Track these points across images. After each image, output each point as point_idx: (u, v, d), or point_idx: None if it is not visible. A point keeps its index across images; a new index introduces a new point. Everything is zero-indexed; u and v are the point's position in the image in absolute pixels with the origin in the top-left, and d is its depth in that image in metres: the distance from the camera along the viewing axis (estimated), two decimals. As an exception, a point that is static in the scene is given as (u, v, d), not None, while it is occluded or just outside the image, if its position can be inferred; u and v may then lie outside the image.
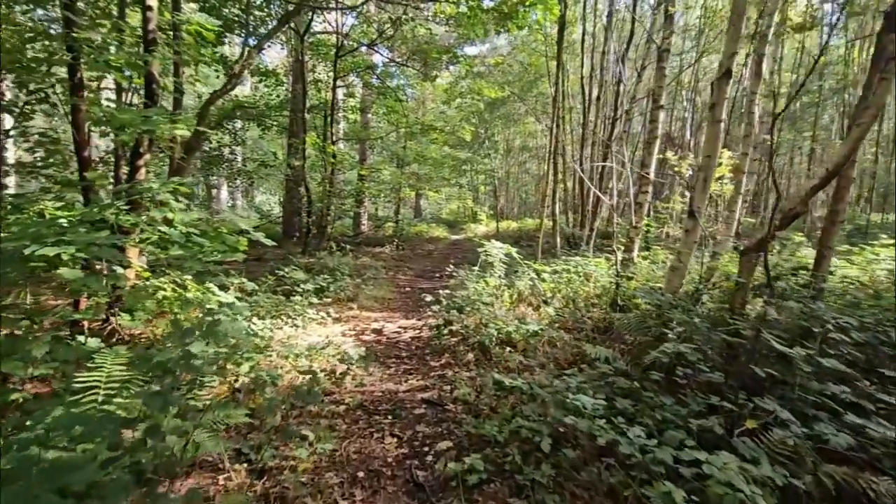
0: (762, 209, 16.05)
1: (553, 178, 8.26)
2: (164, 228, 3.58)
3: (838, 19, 13.38)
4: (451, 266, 12.76)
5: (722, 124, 3.35)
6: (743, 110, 9.55)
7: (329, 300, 6.62)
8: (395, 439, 2.81)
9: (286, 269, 7.65)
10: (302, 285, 6.57)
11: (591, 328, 4.33)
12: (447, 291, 5.45)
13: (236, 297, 4.82)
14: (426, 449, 2.70)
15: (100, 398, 2.35)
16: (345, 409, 3.17)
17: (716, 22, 12.35)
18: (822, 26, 13.16)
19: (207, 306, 4.10)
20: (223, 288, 5.26)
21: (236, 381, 3.28)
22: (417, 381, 3.77)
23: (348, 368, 3.93)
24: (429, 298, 5.58)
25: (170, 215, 3.58)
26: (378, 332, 5.55)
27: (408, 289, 8.70)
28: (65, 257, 2.58)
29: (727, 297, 3.19)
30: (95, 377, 2.44)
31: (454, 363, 4.16)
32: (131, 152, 4.67)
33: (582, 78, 10.57)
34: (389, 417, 3.07)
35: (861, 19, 13.18)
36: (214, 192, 23.33)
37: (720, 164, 4.71)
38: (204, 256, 3.68)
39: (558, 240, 9.18)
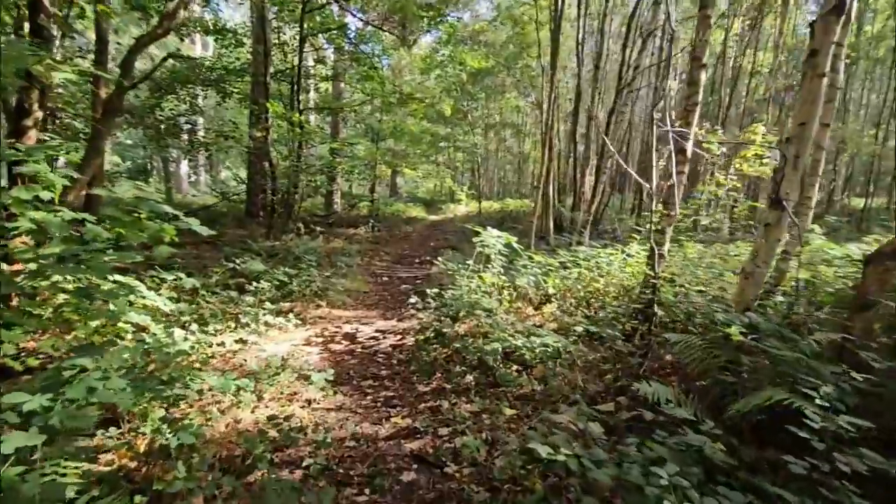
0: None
1: (549, 154, 7.34)
2: (37, 214, 2.50)
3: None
4: (432, 250, 11.85)
5: (825, 80, 2.48)
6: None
7: (292, 298, 5.58)
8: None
9: (241, 260, 6.55)
10: (260, 280, 5.51)
11: (617, 341, 3.49)
12: (435, 290, 4.51)
13: (169, 299, 3.77)
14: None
15: None
16: (302, 475, 2.23)
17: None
18: None
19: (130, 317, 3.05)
20: (154, 287, 4.18)
21: (141, 438, 2.28)
22: (403, 419, 2.86)
23: (309, 404, 2.98)
24: (412, 299, 4.63)
25: (44, 194, 2.50)
26: (351, 338, 4.59)
27: (385, 278, 7.73)
28: None
29: (832, 318, 2.40)
30: None
31: (449, 388, 3.26)
32: (15, 108, 3.48)
33: (579, 44, 9.58)
34: (367, 491, 2.14)
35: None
36: (173, 167, 21.51)
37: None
38: (106, 253, 2.66)
39: (550, 224, 8.32)
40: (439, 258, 8.96)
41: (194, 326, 3.94)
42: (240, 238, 9.99)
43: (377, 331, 4.85)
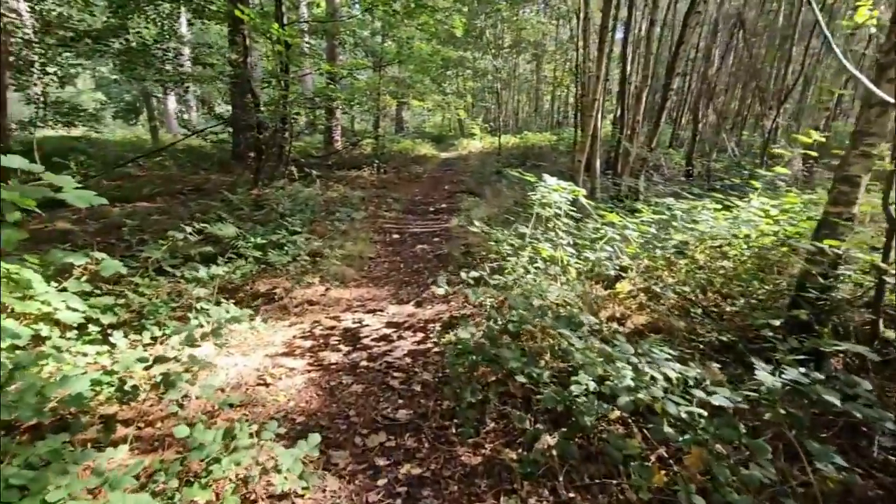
0: None
1: (599, 71, 5.56)
2: None
3: None
4: (448, 195, 10.24)
5: None
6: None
7: (275, 274, 4.20)
8: None
9: (215, 216, 5.13)
10: (235, 247, 4.11)
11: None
12: (471, 274, 3.05)
13: (80, 292, 2.41)
14: None
15: None
16: None
17: None
18: None
19: None
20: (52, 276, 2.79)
21: None
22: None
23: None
24: (437, 280, 3.19)
25: None
26: (353, 338, 3.24)
27: (395, 235, 6.29)
28: None
29: None
30: None
31: (513, 459, 1.93)
32: None
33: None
34: None
35: None
36: (159, 104, 19.53)
37: None
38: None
39: (597, 163, 6.69)
40: (462, 209, 7.44)
41: (118, 335, 2.61)
42: (220, 186, 8.50)
43: (389, 323, 3.49)
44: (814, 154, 4.16)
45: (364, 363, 2.89)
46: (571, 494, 1.75)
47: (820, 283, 2.42)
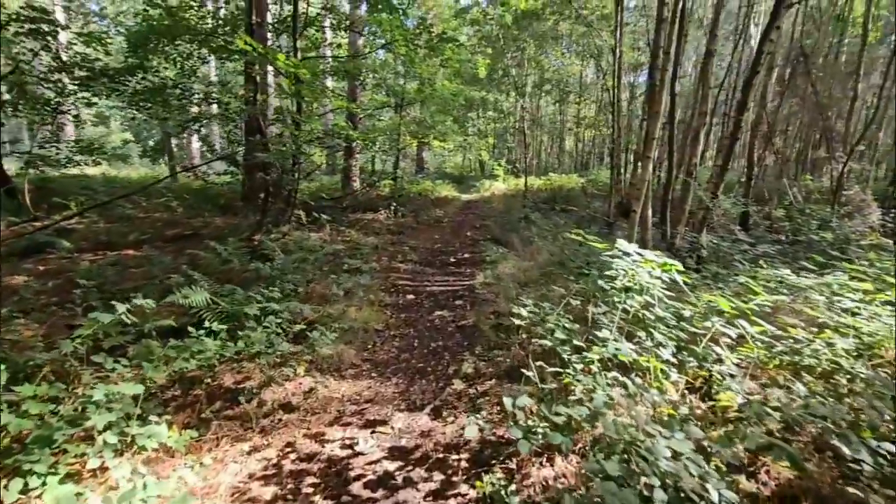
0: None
1: (654, 105, 4.61)
2: None
3: None
4: (471, 242, 9.22)
5: None
6: None
7: (247, 354, 3.18)
8: None
9: (186, 279, 4.23)
10: (203, 320, 3.14)
11: None
12: (523, 401, 1.97)
13: None
14: None
15: None
16: None
17: None
18: None
19: None
20: None
21: None
22: None
23: None
24: (469, 425, 2.09)
25: None
26: (337, 482, 2.16)
27: (410, 296, 5.28)
28: None
29: None
30: None
31: None
32: None
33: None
34: None
35: None
36: (179, 142, 19.53)
37: None
38: None
39: (649, 213, 5.63)
40: (488, 261, 6.33)
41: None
42: (221, 231, 7.73)
43: (393, 451, 2.40)
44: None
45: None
46: None
47: None
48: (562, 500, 1.61)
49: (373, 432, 2.58)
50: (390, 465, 2.29)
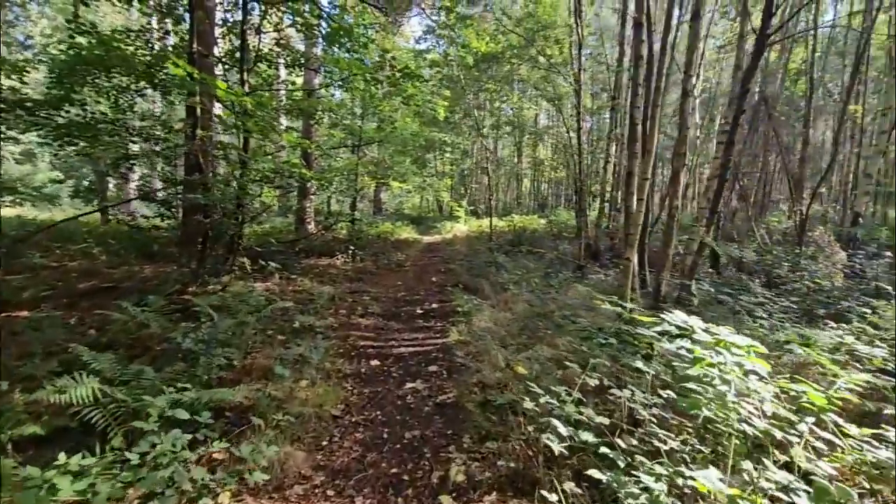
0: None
1: (645, 145, 4.24)
2: None
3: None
4: (437, 289, 8.40)
5: None
6: None
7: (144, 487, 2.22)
8: None
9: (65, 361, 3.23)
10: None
11: None
12: None
13: None
14: None
15: None
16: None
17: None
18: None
19: None
20: None
21: None
22: None
23: None
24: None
25: None
26: None
27: (374, 361, 4.41)
28: None
29: None
30: None
31: None
32: None
33: None
34: None
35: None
36: (118, 182, 17.88)
37: None
38: None
39: (635, 260, 5.17)
40: (460, 311, 5.50)
41: None
42: (142, 284, 6.59)
43: None
44: None
45: None
46: None
47: None
48: None
49: None
50: None
